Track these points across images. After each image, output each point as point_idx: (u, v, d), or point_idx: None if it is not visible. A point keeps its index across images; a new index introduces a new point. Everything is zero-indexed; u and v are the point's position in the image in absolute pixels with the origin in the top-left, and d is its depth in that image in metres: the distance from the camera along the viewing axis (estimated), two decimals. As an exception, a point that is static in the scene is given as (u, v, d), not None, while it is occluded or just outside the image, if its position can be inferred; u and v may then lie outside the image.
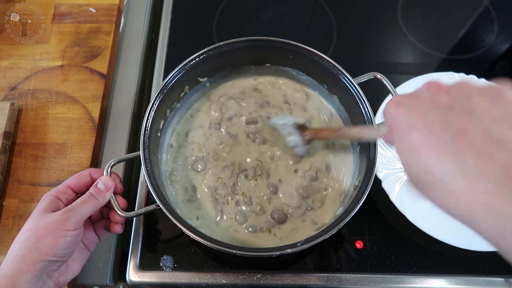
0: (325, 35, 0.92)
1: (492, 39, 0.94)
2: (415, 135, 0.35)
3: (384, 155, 0.73)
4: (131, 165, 0.81)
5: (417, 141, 0.34)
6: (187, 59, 0.68)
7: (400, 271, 0.67)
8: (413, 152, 0.35)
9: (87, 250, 0.58)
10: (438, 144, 0.33)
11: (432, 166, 0.33)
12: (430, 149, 0.33)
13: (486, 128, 0.32)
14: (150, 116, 0.64)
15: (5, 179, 0.71)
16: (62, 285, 0.54)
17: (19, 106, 0.78)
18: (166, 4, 0.95)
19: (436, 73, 0.81)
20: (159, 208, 0.57)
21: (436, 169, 0.33)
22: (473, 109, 0.33)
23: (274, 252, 0.56)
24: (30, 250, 0.49)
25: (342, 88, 0.68)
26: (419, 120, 0.35)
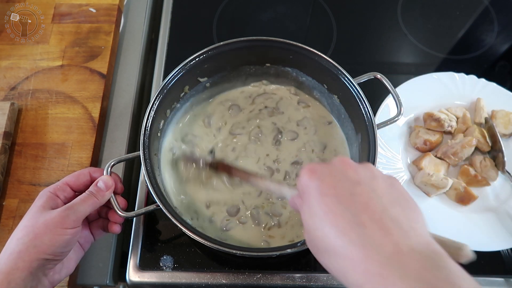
0: (325, 35, 0.92)
1: (492, 39, 0.94)
2: (324, 202, 0.38)
3: (384, 155, 0.73)
4: (131, 165, 0.81)
5: (326, 207, 0.38)
6: (187, 59, 0.68)
7: (400, 271, 0.67)
8: (319, 218, 0.38)
9: (82, 250, 0.58)
10: (344, 213, 0.36)
11: (336, 232, 0.36)
12: (336, 216, 0.37)
13: (384, 207, 0.37)
14: (150, 116, 0.64)
15: (5, 179, 0.71)
16: (56, 283, 0.53)
17: (19, 106, 0.78)
18: (166, 4, 0.95)
19: (436, 73, 0.81)
20: (159, 208, 0.57)
21: (339, 235, 0.36)
22: (375, 188, 0.38)
23: (274, 252, 0.56)
24: (28, 247, 0.49)
25: (342, 88, 0.68)
26: (330, 189, 0.39)
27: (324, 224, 0.37)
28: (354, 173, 0.40)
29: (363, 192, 0.38)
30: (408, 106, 0.76)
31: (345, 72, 0.67)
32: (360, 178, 0.39)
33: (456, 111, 0.78)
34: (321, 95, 0.75)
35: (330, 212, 0.37)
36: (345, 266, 0.35)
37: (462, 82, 0.81)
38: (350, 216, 0.36)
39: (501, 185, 0.74)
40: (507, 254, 0.70)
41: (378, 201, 0.37)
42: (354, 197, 0.37)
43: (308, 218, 0.40)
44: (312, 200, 0.39)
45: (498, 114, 0.78)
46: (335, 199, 0.38)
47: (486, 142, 0.75)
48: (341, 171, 0.40)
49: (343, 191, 0.38)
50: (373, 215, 0.36)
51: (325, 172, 0.40)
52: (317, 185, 0.39)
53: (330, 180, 0.39)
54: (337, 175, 0.40)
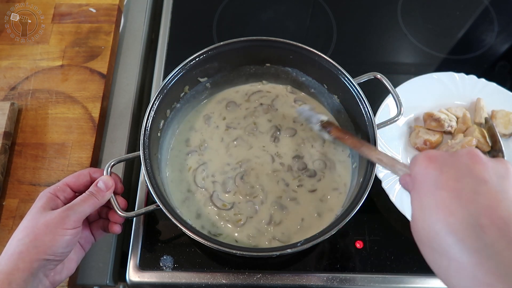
0: (325, 35, 0.92)
1: (492, 39, 0.94)
2: (441, 195, 0.34)
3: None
4: (131, 165, 0.81)
5: (440, 201, 0.34)
6: (187, 59, 0.68)
7: (400, 271, 0.67)
8: (431, 210, 0.34)
9: (83, 250, 0.58)
10: (461, 211, 0.33)
11: (446, 230, 0.33)
12: (450, 213, 0.33)
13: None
14: (150, 116, 0.63)
15: (5, 179, 0.71)
16: (58, 284, 0.53)
17: (19, 106, 0.78)
18: (166, 4, 0.95)
19: (436, 73, 0.81)
20: (159, 208, 0.57)
21: (449, 233, 0.33)
22: (505, 190, 0.33)
23: (274, 252, 0.56)
24: (28, 248, 0.49)
25: (342, 88, 0.68)
26: (450, 182, 0.35)
27: (435, 218, 0.34)
28: (483, 168, 0.35)
29: (489, 192, 0.33)
30: (408, 106, 0.76)
31: (345, 72, 0.67)
32: (489, 176, 0.34)
33: (456, 111, 0.78)
34: (321, 95, 0.75)
35: (444, 207, 0.34)
36: (450, 267, 0.33)
37: (462, 82, 0.81)
38: (467, 216, 0.32)
39: (501, 185, 0.74)
40: (507, 254, 0.70)
41: (505, 204, 0.33)
42: (477, 196, 0.33)
43: (417, 207, 0.37)
44: (425, 190, 0.36)
45: (498, 114, 0.78)
46: (454, 194, 0.34)
47: (486, 142, 0.75)
48: (467, 164, 0.35)
49: (465, 188, 0.34)
50: (496, 219, 0.32)
51: (448, 162, 0.36)
52: (436, 176, 0.36)
53: (452, 173, 0.35)
54: (462, 168, 0.35)
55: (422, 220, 0.36)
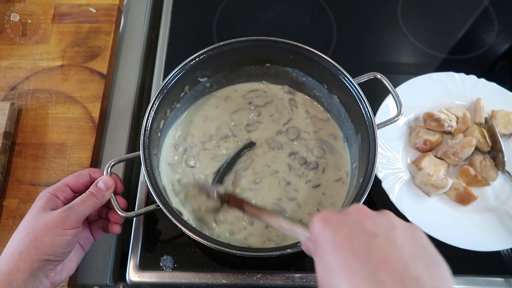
0: (325, 35, 0.92)
1: (492, 39, 0.94)
2: (339, 256, 0.36)
3: (384, 155, 0.73)
4: (131, 165, 0.81)
5: (341, 262, 0.35)
6: (187, 59, 0.68)
7: (400, 271, 0.67)
8: (333, 272, 0.36)
9: (83, 250, 0.58)
10: (361, 270, 0.34)
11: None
12: (352, 273, 0.34)
13: (405, 264, 0.34)
14: (150, 116, 0.64)
15: (5, 179, 0.71)
16: (58, 284, 0.53)
17: (19, 106, 0.78)
18: (166, 4, 0.95)
19: (436, 73, 0.81)
20: (159, 208, 0.57)
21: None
22: (394, 241, 0.36)
23: (274, 252, 0.56)
24: (29, 248, 0.49)
25: (342, 88, 0.68)
26: (345, 242, 0.36)
27: (339, 280, 0.35)
28: (371, 223, 0.37)
29: (381, 246, 0.35)
30: (408, 106, 0.76)
31: (345, 72, 0.67)
32: (378, 229, 0.37)
33: (456, 111, 0.78)
34: (321, 95, 0.75)
35: (346, 269, 0.35)
36: None
37: (462, 82, 0.81)
38: (367, 274, 0.34)
39: (501, 185, 0.74)
40: (507, 254, 0.70)
41: (397, 256, 0.34)
42: (371, 252, 0.35)
43: (321, 271, 0.38)
44: (326, 253, 0.37)
45: (498, 114, 0.78)
46: (351, 253, 0.35)
47: (486, 142, 0.75)
48: (357, 221, 0.38)
49: (359, 245, 0.36)
50: (392, 273, 0.33)
51: (339, 221, 0.38)
52: (332, 237, 0.37)
53: (345, 231, 0.37)
54: (353, 225, 0.37)
55: (328, 283, 0.37)
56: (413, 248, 0.36)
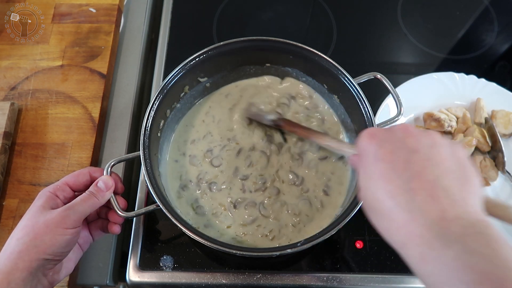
0: (325, 35, 0.92)
1: (492, 39, 0.94)
2: (380, 167, 0.40)
3: (384, 155, 0.73)
4: (131, 165, 0.81)
5: (380, 172, 0.40)
6: (187, 59, 0.68)
7: (400, 271, 0.67)
8: (373, 180, 0.40)
9: (81, 250, 0.58)
10: (397, 179, 0.38)
11: (386, 196, 0.39)
12: (388, 182, 0.39)
13: (438, 176, 0.38)
14: (150, 116, 0.64)
15: (5, 179, 0.71)
16: (56, 283, 0.53)
17: (19, 106, 0.78)
18: (166, 4, 0.95)
19: (436, 73, 0.81)
20: (159, 208, 0.57)
21: (388, 199, 0.38)
22: (432, 157, 0.39)
23: (274, 252, 0.56)
24: (28, 247, 0.49)
25: (342, 88, 0.68)
26: (387, 155, 0.40)
27: (376, 186, 0.40)
28: (414, 140, 0.40)
29: (419, 160, 0.39)
30: (408, 106, 0.76)
31: (345, 72, 0.67)
32: (419, 146, 0.40)
33: (456, 111, 0.78)
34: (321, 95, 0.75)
35: (383, 177, 0.39)
36: (391, 227, 0.38)
37: (462, 82, 0.81)
38: (401, 183, 0.38)
39: (501, 185, 0.74)
40: (507, 254, 0.70)
41: (432, 169, 0.38)
42: (409, 165, 0.38)
43: (363, 178, 0.42)
44: (368, 164, 0.41)
45: (498, 114, 0.78)
46: (390, 165, 0.39)
47: (486, 142, 0.75)
48: (401, 138, 0.41)
49: (398, 159, 0.39)
50: (424, 183, 0.37)
51: (384, 137, 0.42)
52: (375, 150, 0.41)
53: (388, 146, 0.41)
54: (396, 142, 0.41)
55: (367, 188, 0.41)
56: (449, 164, 0.39)
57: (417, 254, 0.36)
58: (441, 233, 0.34)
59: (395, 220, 0.38)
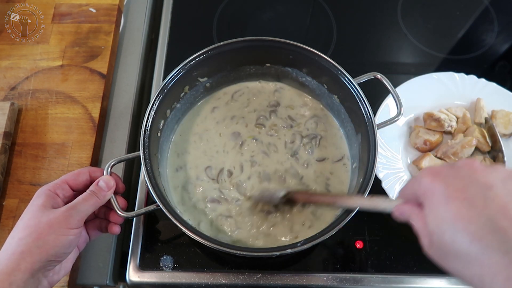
0: (325, 35, 0.92)
1: (492, 39, 0.94)
2: (454, 206, 0.36)
3: (384, 155, 0.73)
4: (131, 165, 0.81)
5: (457, 211, 0.35)
6: (187, 59, 0.68)
7: (400, 271, 0.67)
8: (448, 222, 0.36)
9: (78, 250, 0.58)
10: (478, 218, 0.34)
11: (470, 239, 0.34)
12: (470, 222, 0.34)
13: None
14: (150, 116, 0.64)
15: (5, 179, 0.71)
16: (55, 283, 0.53)
17: (19, 106, 0.78)
18: (166, 4, 0.95)
19: (436, 73, 0.81)
20: (159, 208, 0.57)
21: (475, 242, 0.34)
22: (511, 190, 0.35)
23: (274, 252, 0.55)
24: (31, 248, 0.48)
25: (342, 88, 0.68)
26: (459, 193, 0.36)
27: (454, 229, 0.35)
28: (484, 175, 0.37)
29: (498, 196, 0.35)
30: (408, 106, 0.76)
31: (345, 72, 0.67)
32: (492, 181, 0.36)
33: (456, 111, 0.78)
34: (321, 95, 0.75)
35: (461, 217, 0.35)
36: (483, 273, 0.34)
37: (462, 82, 0.81)
38: (485, 221, 0.34)
39: (501, 185, 0.74)
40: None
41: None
42: (487, 201, 0.35)
43: (432, 222, 0.38)
44: (437, 205, 0.37)
45: (498, 114, 0.78)
46: (466, 203, 0.35)
47: (486, 142, 0.75)
48: (469, 174, 0.37)
49: (474, 195, 0.36)
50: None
51: (450, 174, 0.38)
52: (443, 189, 0.37)
53: (458, 183, 0.37)
54: (465, 177, 0.37)
55: (441, 233, 0.36)
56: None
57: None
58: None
59: (487, 265, 0.33)
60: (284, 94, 0.78)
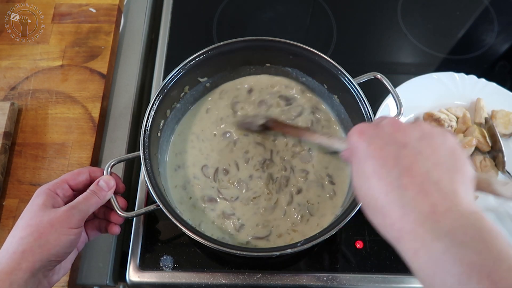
0: (325, 35, 0.92)
1: (492, 39, 0.94)
2: (370, 164, 0.40)
3: (384, 155, 0.73)
4: (131, 165, 0.81)
5: (371, 169, 0.40)
6: (187, 59, 0.68)
7: (400, 271, 0.67)
8: (365, 178, 0.41)
9: (77, 250, 0.57)
10: (387, 176, 0.39)
11: (378, 193, 0.39)
12: (379, 179, 0.39)
13: (428, 170, 0.38)
14: (150, 116, 0.64)
15: (5, 179, 0.71)
16: (54, 283, 0.53)
17: (19, 106, 0.78)
18: (166, 4, 0.95)
19: (436, 73, 0.81)
20: (159, 208, 0.57)
21: (381, 196, 0.39)
22: (421, 150, 0.39)
23: (274, 252, 0.56)
24: (32, 247, 0.48)
25: (342, 88, 0.68)
26: (376, 151, 0.41)
27: (369, 184, 0.40)
28: (402, 135, 0.41)
29: (408, 155, 0.39)
30: (408, 106, 0.76)
31: (345, 72, 0.67)
32: (408, 140, 0.40)
33: (456, 111, 0.78)
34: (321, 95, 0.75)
35: (374, 174, 0.39)
36: (385, 223, 0.39)
37: (462, 82, 0.81)
38: (392, 179, 0.38)
39: (501, 185, 0.74)
40: (507, 254, 0.70)
41: (422, 163, 0.38)
42: (398, 160, 0.39)
43: (356, 175, 0.42)
44: (360, 160, 0.42)
45: (498, 114, 0.78)
46: (381, 161, 0.39)
47: (486, 142, 0.75)
48: (390, 133, 0.41)
49: (388, 155, 0.39)
50: (414, 178, 0.37)
51: (373, 133, 0.42)
52: (365, 147, 0.41)
53: (377, 142, 0.41)
54: (385, 137, 0.41)
55: (360, 186, 0.42)
56: (439, 155, 0.39)
57: (410, 249, 0.36)
58: (432, 228, 0.35)
59: (389, 217, 0.38)
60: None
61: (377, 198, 0.39)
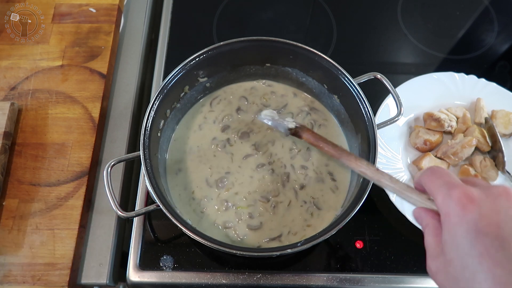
0: (325, 35, 0.92)
1: (492, 39, 0.94)
2: (483, 242, 0.32)
3: (384, 155, 0.73)
4: (131, 165, 0.81)
5: (483, 249, 0.32)
6: (187, 59, 0.68)
7: (400, 271, 0.67)
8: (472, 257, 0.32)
9: None
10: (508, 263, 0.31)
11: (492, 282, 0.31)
12: (495, 264, 0.31)
13: None
14: (150, 116, 0.64)
15: (5, 179, 0.71)
16: None
17: (19, 106, 0.78)
18: (166, 4, 0.95)
19: (436, 73, 0.81)
20: (159, 208, 0.57)
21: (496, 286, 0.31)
22: None
23: (274, 252, 0.56)
24: None
25: (342, 88, 0.68)
26: (492, 228, 0.32)
27: (476, 267, 0.32)
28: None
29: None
30: (408, 106, 0.76)
31: (345, 72, 0.67)
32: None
33: (456, 111, 0.78)
34: (321, 95, 0.75)
35: (488, 257, 0.32)
36: None
37: (462, 82, 0.81)
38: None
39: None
40: (507, 254, 0.70)
41: None
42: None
43: (452, 251, 0.34)
44: (463, 235, 0.33)
45: (498, 114, 0.78)
46: (497, 243, 0.32)
47: (486, 142, 0.75)
48: (506, 207, 0.33)
49: (509, 235, 0.32)
50: None
51: (486, 204, 0.34)
52: (475, 219, 0.33)
53: (492, 216, 0.33)
54: (502, 211, 0.33)
55: (462, 268, 0.33)
56: None
57: None
58: None
59: None
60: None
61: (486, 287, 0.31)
